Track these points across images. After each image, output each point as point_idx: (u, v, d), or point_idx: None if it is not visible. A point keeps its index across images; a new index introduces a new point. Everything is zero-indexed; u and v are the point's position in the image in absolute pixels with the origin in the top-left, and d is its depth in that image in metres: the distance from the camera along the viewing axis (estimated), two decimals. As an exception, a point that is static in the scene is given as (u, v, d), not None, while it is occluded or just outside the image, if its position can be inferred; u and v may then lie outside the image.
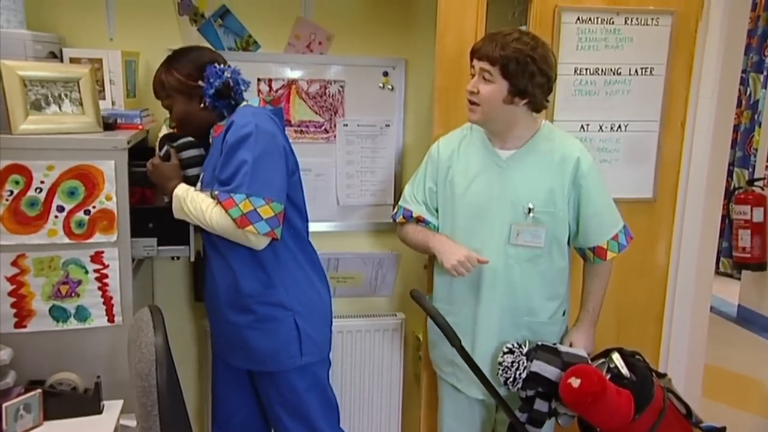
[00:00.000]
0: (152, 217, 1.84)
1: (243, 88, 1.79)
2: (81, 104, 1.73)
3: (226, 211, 1.64)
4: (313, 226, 1.92)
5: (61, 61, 1.88)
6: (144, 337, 1.33)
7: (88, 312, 1.71)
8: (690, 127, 2.24)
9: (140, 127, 1.88)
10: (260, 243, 1.68)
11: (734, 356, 3.98)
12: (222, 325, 1.85)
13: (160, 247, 1.82)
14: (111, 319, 1.73)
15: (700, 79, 2.20)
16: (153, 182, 1.80)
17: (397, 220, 1.98)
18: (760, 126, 4.87)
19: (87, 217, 1.66)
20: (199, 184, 1.77)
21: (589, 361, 1.76)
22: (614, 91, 2.15)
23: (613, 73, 2.14)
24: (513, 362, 1.73)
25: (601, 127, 2.17)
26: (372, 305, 2.42)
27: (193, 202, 1.69)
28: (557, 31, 2.06)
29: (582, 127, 2.15)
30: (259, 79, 2.16)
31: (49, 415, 1.56)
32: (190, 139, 1.80)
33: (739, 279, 4.70)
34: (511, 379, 1.73)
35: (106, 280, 1.71)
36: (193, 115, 1.79)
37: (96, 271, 1.70)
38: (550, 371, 1.70)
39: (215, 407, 2.01)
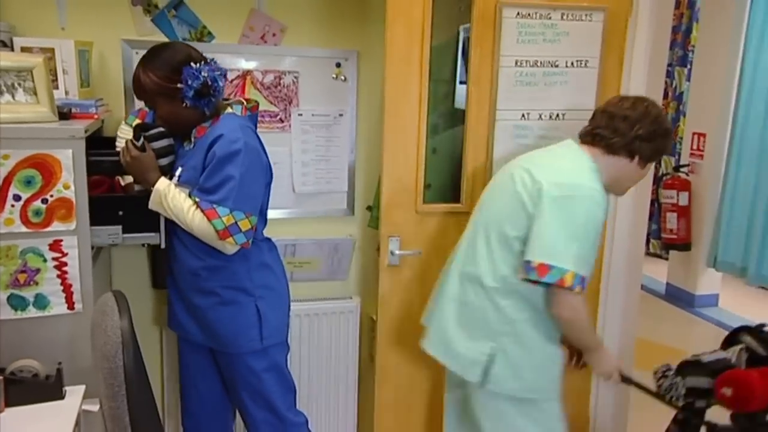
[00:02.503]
0: (122, 205, 1.81)
1: (221, 83, 1.77)
2: (35, 93, 1.68)
3: (209, 220, 1.70)
4: (270, 213, 1.94)
5: (12, 50, 1.82)
6: (109, 320, 1.33)
7: (48, 300, 1.68)
8: (622, 116, 2.35)
9: (95, 116, 1.84)
10: (233, 250, 1.77)
11: (663, 330, 4.20)
12: (187, 306, 1.88)
13: (126, 235, 1.80)
14: (71, 307, 1.70)
15: (630, 72, 2.29)
16: (130, 173, 1.78)
17: (576, 291, 1.62)
18: (684, 116, 5.12)
19: (44, 206, 1.63)
20: (175, 179, 1.77)
21: (729, 358, 1.83)
22: (552, 82, 2.22)
23: (551, 66, 2.21)
24: (670, 384, 1.84)
25: (540, 116, 2.24)
26: (328, 289, 2.45)
27: (174, 200, 1.72)
28: (498, 25, 2.11)
29: (523, 115, 2.22)
30: (214, 70, 2.16)
31: (10, 401, 1.53)
32: (161, 129, 1.79)
33: (667, 259, 4.95)
34: (674, 399, 1.84)
35: (65, 268, 1.68)
36: (179, 115, 1.76)
37: (55, 259, 1.67)
38: (702, 382, 1.81)
39: (185, 396, 2.02)
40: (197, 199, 1.72)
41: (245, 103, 1.85)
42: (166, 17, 2.10)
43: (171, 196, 1.73)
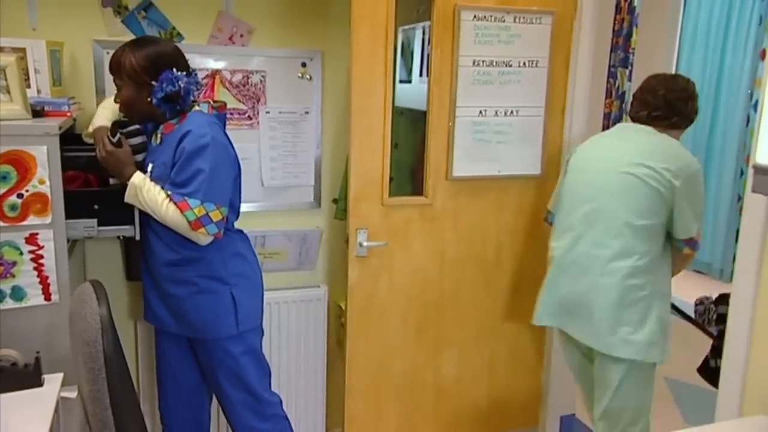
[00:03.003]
0: (97, 199, 1.82)
1: (193, 97, 1.81)
2: (8, 92, 1.67)
3: (182, 212, 1.73)
4: (241, 207, 1.97)
5: (-16, 49, 1.80)
6: (88, 308, 1.35)
7: (24, 291, 1.68)
8: (569, 113, 2.42)
9: (68, 114, 1.84)
10: (207, 240, 1.79)
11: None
12: (162, 297, 1.88)
13: (101, 228, 1.80)
14: (48, 298, 1.70)
15: (576, 72, 2.38)
16: (106, 167, 1.79)
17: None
18: (626, 114, 5.30)
19: (20, 201, 1.63)
20: (148, 174, 1.78)
21: None
22: (507, 80, 2.29)
23: (506, 65, 2.27)
24: (705, 309, 2.09)
25: (497, 113, 2.30)
26: (297, 278, 2.48)
27: (149, 193, 1.74)
28: (457, 27, 2.16)
29: (480, 112, 2.28)
30: (183, 69, 2.16)
31: (-10, 389, 1.54)
32: (137, 126, 1.81)
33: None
34: (706, 322, 2.02)
35: (41, 261, 1.68)
36: (138, 105, 1.79)
37: (31, 252, 1.67)
38: None
39: (162, 385, 2.03)
40: (169, 192, 1.75)
41: (212, 102, 1.88)
42: (136, 18, 2.11)
43: (146, 190, 1.74)
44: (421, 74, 2.49)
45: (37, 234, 1.67)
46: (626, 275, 1.88)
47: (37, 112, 1.76)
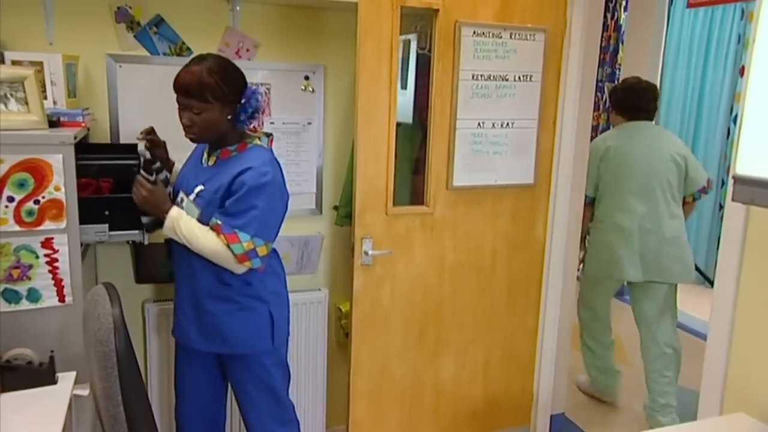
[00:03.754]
0: (108, 205, 1.82)
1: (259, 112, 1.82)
2: (26, 103, 1.68)
3: (229, 244, 1.70)
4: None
5: (3, 63, 1.82)
6: (101, 308, 1.36)
7: (40, 293, 1.68)
8: (559, 125, 2.43)
9: (82, 124, 1.84)
10: (243, 270, 1.77)
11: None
12: (198, 313, 1.84)
13: (112, 232, 1.81)
14: (62, 299, 1.71)
15: (566, 86, 2.40)
16: (145, 206, 1.75)
17: None
18: (613, 127, 5.33)
19: (37, 207, 1.64)
20: (193, 195, 1.76)
21: None
22: (503, 94, 2.30)
23: (502, 79, 2.28)
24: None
25: (494, 125, 2.31)
26: (299, 282, 2.49)
27: (187, 226, 1.73)
28: (458, 42, 2.17)
29: (479, 124, 2.28)
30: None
31: (6, 387, 1.53)
32: (159, 163, 1.83)
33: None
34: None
35: (56, 264, 1.68)
36: (219, 126, 1.74)
37: (46, 255, 1.67)
38: None
39: (180, 397, 1.99)
40: (219, 222, 1.71)
41: (270, 135, 1.87)
42: (147, 34, 2.12)
43: (184, 222, 1.74)
44: (416, 83, 2.50)
45: (52, 238, 1.67)
46: (679, 229, 2.70)
47: (53, 122, 1.77)
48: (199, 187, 1.77)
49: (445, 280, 2.38)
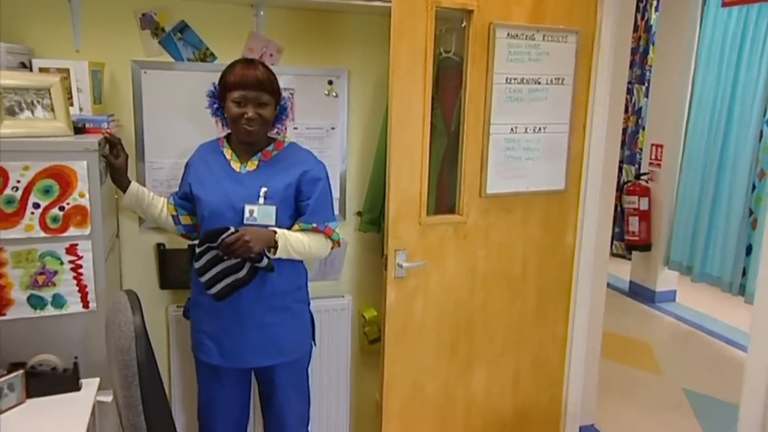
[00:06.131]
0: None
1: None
2: (52, 110, 1.69)
3: (329, 236, 1.85)
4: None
5: (31, 70, 1.83)
6: (123, 317, 1.34)
7: (64, 299, 1.68)
8: (589, 129, 2.36)
9: (108, 131, 1.85)
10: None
11: (626, 323, 4.26)
12: (252, 331, 1.82)
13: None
14: (86, 306, 1.70)
15: (596, 88, 2.32)
16: (255, 250, 1.68)
17: None
18: (643, 129, 5.21)
19: (62, 213, 1.64)
20: (261, 199, 1.76)
21: None
22: (535, 98, 2.22)
23: (535, 83, 2.20)
24: None
25: (526, 129, 2.23)
26: (323, 288, 2.46)
27: (295, 240, 1.78)
28: (492, 44, 2.09)
29: (512, 129, 2.21)
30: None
31: (31, 393, 1.54)
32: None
33: (630, 259, 5.01)
34: None
35: (80, 270, 1.68)
36: (270, 122, 1.82)
37: (71, 262, 1.67)
38: None
39: (204, 417, 1.95)
40: (314, 224, 1.81)
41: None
42: (172, 40, 2.12)
43: (292, 240, 1.77)
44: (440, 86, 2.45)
45: (77, 245, 1.67)
46: None
47: (79, 128, 1.77)
48: (264, 189, 1.78)
49: (477, 291, 2.30)
